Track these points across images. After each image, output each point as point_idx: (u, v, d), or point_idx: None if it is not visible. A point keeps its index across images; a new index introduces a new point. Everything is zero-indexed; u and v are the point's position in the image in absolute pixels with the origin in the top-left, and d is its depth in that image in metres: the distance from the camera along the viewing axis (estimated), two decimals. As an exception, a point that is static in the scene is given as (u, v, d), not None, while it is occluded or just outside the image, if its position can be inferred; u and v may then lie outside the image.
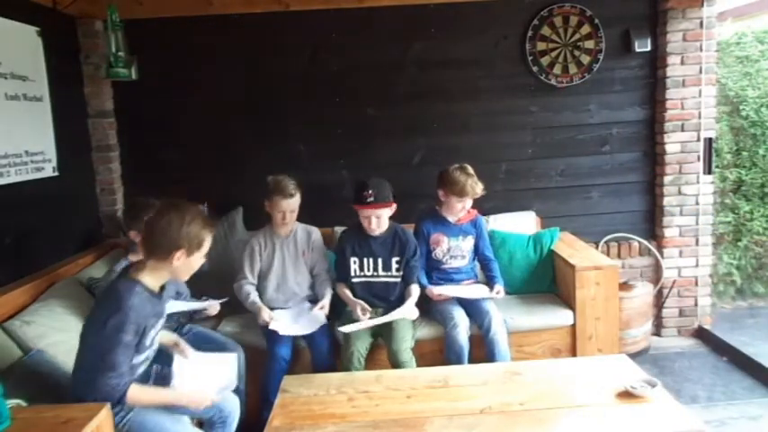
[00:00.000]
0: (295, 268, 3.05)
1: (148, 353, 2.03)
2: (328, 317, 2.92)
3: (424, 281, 3.09)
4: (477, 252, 3.22)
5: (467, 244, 3.17)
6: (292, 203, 2.95)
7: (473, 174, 3.07)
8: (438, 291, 3.01)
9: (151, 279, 1.98)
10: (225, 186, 3.71)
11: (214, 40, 3.61)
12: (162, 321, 2.08)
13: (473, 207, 3.19)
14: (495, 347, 2.85)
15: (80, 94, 3.52)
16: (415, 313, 2.87)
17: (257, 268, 3.04)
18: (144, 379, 2.11)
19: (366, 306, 2.86)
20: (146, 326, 1.94)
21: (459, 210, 3.10)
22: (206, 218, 2.03)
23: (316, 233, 3.14)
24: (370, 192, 2.84)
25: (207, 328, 2.96)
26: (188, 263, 1.98)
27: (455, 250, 3.15)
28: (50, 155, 3.03)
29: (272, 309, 2.96)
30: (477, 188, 3.05)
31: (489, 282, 3.15)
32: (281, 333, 2.78)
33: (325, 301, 2.93)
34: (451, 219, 3.15)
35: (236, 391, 2.42)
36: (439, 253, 3.15)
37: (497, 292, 3.03)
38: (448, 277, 3.16)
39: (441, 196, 3.13)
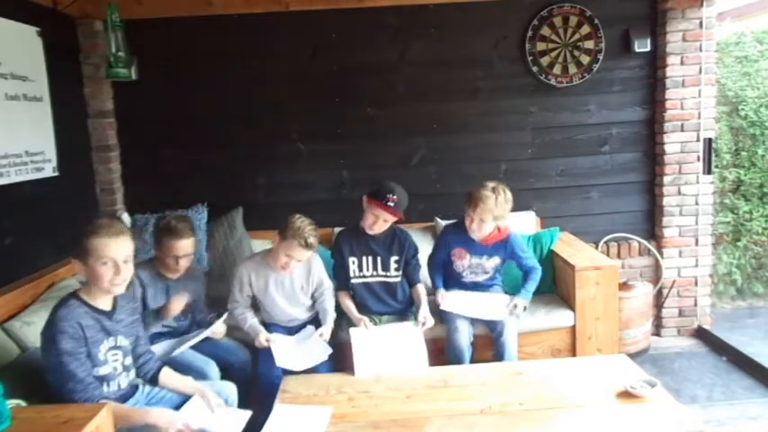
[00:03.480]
0: (290, 301, 2.85)
1: (108, 369, 2.00)
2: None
3: (439, 283, 3.03)
4: (520, 267, 3.06)
5: (491, 263, 3.02)
6: (306, 254, 2.70)
7: (501, 193, 2.82)
8: (447, 306, 2.91)
9: (88, 294, 2.00)
10: (225, 186, 3.71)
11: (214, 40, 3.61)
12: (118, 340, 2.04)
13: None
14: (504, 352, 2.81)
15: (80, 94, 3.52)
16: (430, 322, 2.82)
17: (247, 294, 2.85)
18: (127, 397, 2.09)
19: (369, 323, 2.81)
20: (87, 337, 1.93)
21: (473, 227, 2.87)
22: (95, 225, 1.99)
23: (315, 264, 2.88)
24: (396, 197, 2.75)
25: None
26: (89, 271, 1.96)
27: (477, 267, 3.03)
28: (50, 155, 3.03)
29: (272, 328, 2.84)
30: (487, 208, 2.79)
31: (519, 290, 3.00)
32: (284, 366, 2.62)
33: (327, 329, 2.78)
34: (474, 236, 2.93)
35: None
36: (459, 266, 3.04)
37: (514, 306, 2.89)
38: (467, 289, 3.05)
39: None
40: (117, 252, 1.96)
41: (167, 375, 2.24)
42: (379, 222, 2.82)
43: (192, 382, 2.29)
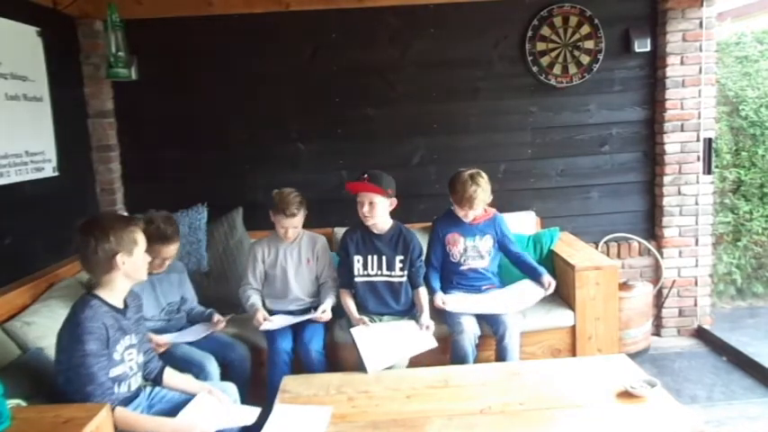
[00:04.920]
0: (297, 275, 3.02)
1: (124, 369, 2.01)
2: (328, 323, 2.89)
3: (436, 285, 3.03)
4: (504, 251, 3.15)
5: (485, 244, 3.10)
6: (294, 221, 2.93)
7: (482, 183, 2.95)
8: (448, 305, 2.91)
9: (108, 293, 2.01)
10: (225, 186, 3.71)
11: (214, 40, 3.61)
12: (132, 338, 2.07)
13: (491, 206, 3.11)
14: (506, 355, 2.82)
15: (80, 94, 3.52)
16: (431, 328, 2.81)
17: (260, 273, 3.03)
18: (131, 399, 2.09)
19: (368, 322, 2.82)
20: (110, 337, 1.94)
21: (464, 216, 3.03)
22: (125, 217, 2.10)
23: (321, 241, 3.10)
24: (368, 175, 2.83)
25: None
26: (133, 262, 2.02)
27: (472, 250, 3.08)
28: (50, 155, 3.03)
29: (273, 312, 2.95)
30: (479, 200, 2.94)
31: (534, 276, 3.03)
32: (274, 328, 2.80)
33: (327, 305, 2.87)
34: (465, 220, 3.06)
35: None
36: (456, 254, 3.08)
37: (548, 285, 2.94)
38: (468, 282, 3.08)
39: (450, 197, 3.08)
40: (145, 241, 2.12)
41: (171, 376, 2.26)
42: (365, 206, 2.84)
43: (196, 382, 2.32)
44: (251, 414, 2.20)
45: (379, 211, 2.87)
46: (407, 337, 2.77)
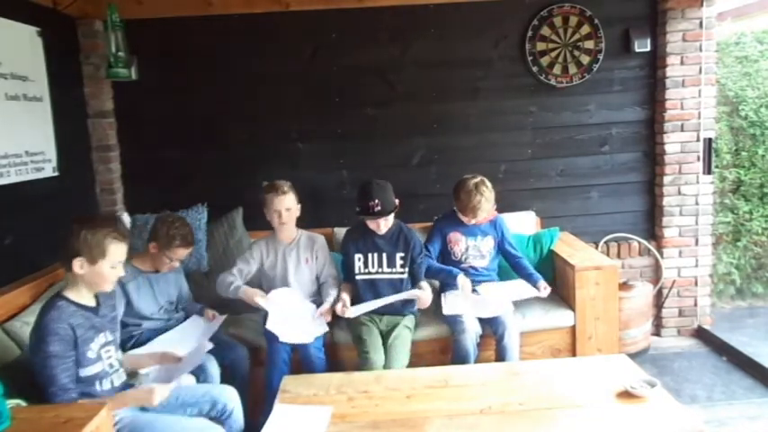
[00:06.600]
0: (297, 275, 3.01)
1: (102, 367, 2.01)
2: (330, 323, 2.88)
3: (450, 269, 3.04)
4: (504, 254, 3.19)
5: (486, 244, 3.14)
6: (286, 201, 2.91)
7: (486, 192, 2.99)
8: (446, 309, 2.91)
9: (75, 293, 2.00)
10: (225, 186, 3.71)
11: (214, 40, 3.61)
12: (107, 335, 2.05)
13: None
14: (505, 355, 2.84)
15: (80, 94, 3.52)
16: (428, 298, 2.83)
17: (247, 273, 3.00)
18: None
19: (347, 305, 2.83)
20: (78, 336, 1.93)
21: (467, 221, 3.07)
22: (116, 228, 2.03)
23: (320, 240, 3.10)
24: (376, 202, 2.80)
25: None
26: (94, 271, 1.97)
27: (473, 250, 3.13)
28: (50, 155, 3.04)
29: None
30: (483, 209, 2.99)
31: (529, 281, 3.05)
32: (279, 338, 2.75)
33: (327, 306, 2.88)
34: (469, 223, 3.10)
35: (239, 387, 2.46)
36: (457, 252, 3.13)
37: (544, 289, 2.97)
38: (467, 276, 3.07)
39: (454, 204, 3.12)
40: (123, 256, 2.04)
41: (127, 358, 2.26)
42: (381, 224, 2.88)
43: (150, 353, 2.37)
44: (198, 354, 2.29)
45: (390, 221, 2.92)
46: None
